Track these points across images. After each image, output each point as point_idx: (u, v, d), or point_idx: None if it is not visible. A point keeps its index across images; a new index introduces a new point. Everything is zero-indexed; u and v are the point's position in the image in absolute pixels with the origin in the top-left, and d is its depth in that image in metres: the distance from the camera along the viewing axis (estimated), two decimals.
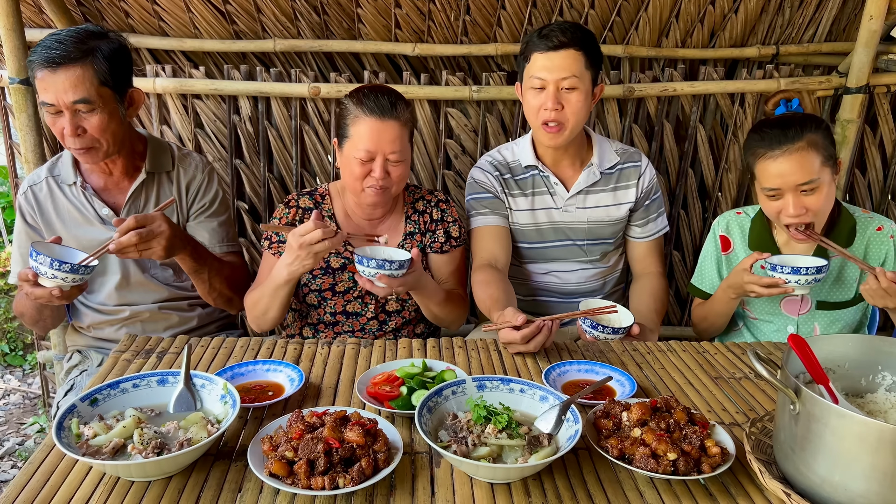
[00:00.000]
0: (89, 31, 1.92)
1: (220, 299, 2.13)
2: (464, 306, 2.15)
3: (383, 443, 1.26)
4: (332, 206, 2.11)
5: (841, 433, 1.13)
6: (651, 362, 1.81)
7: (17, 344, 4.01)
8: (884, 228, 2.00)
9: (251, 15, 2.76)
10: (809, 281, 1.86)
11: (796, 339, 1.32)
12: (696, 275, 2.21)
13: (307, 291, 2.11)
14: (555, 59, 2.02)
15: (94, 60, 1.85)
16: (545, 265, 2.32)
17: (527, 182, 2.26)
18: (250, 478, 1.25)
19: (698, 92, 2.92)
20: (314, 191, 2.14)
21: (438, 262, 2.14)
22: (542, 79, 2.04)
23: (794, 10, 2.92)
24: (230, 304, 2.17)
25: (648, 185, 2.29)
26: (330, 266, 2.08)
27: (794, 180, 1.86)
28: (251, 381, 1.62)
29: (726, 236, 2.14)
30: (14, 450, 3.15)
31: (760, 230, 2.08)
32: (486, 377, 1.49)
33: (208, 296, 2.11)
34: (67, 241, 2.03)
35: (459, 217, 2.18)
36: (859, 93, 2.85)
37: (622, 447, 1.29)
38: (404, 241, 2.11)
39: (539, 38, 2.04)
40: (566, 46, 2.01)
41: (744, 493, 1.27)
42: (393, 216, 2.14)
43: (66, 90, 1.82)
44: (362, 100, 1.94)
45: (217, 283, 2.06)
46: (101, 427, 1.31)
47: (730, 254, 2.13)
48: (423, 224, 2.12)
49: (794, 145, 1.85)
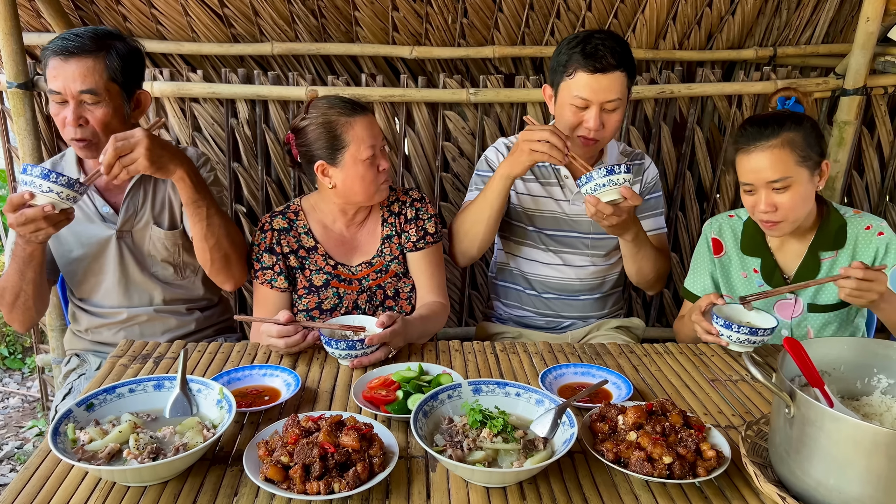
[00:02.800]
0: (108, 30, 1.95)
1: (218, 253, 1.97)
2: (443, 314, 2.12)
3: (379, 447, 1.26)
4: (308, 222, 2.09)
5: (836, 437, 1.14)
6: (647, 365, 1.81)
7: (16, 347, 4.02)
8: (872, 227, 1.99)
9: (248, 18, 2.76)
10: (742, 340, 1.77)
11: (791, 342, 1.33)
12: (689, 278, 2.20)
13: (296, 312, 2.09)
14: (602, 82, 1.99)
15: (107, 56, 1.87)
16: (550, 255, 2.32)
17: (539, 171, 2.29)
18: (246, 483, 1.25)
19: (696, 94, 2.92)
20: (286, 209, 2.11)
21: (415, 260, 2.13)
22: (587, 99, 2.01)
23: (791, 12, 2.93)
24: (228, 264, 2.00)
25: (651, 182, 2.31)
26: (313, 284, 2.08)
27: (764, 177, 1.87)
28: (247, 385, 1.62)
29: (718, 239, 2.14)
30: (13, 453, 3.15)
31: (753, 233, 2.08)
32: (481, 381, 1.49)
33: (205, 243, 1.94)
34: (67, 237, 2.04)
35: (436, 214, 2.16)
36: (856, 94, 2.86)
37: (618, 451, 1.30)
38: (382, 246, 2.10)
39: (585, 56, 1.99)
40: (614, 69, 1.99)
41: (739, 497, 1.27)
42: (370, 220, 2.13)
43: (75, 79, 1.84)
44: (336, 107, 1.96)
45: (217, 227, 1.94)
46: (97, 432, 1.31)
47: (722, 256, 2.13)
48: (398, 225, 2.11)
49: (768, 142, 1.86)
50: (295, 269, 2.07)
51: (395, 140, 2.90)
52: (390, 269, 2.10)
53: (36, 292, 1.96)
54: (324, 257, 2.07)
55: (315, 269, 2.07)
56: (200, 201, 1.89)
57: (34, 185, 1.63)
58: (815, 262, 2.00)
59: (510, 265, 2.39)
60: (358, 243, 2.11)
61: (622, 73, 2.01)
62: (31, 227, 1.69)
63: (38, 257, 1.88)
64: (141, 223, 2.07)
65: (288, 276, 2.06)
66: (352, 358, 1.72)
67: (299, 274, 2.07)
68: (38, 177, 1.62)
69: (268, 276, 2.05)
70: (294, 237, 2.07)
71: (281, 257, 2.05)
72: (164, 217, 2.08)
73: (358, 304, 2.09)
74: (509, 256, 2.38)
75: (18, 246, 1.84)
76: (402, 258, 2.12)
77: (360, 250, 2.11)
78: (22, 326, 2.05)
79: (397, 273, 2.11)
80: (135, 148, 1.71)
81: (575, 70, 2.01)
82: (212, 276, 2.05)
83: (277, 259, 2.05)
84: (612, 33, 2.08)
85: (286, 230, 2.07)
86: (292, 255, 2.06)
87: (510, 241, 2.36)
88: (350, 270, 2.08)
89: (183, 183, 1.84)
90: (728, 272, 2.13)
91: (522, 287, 2.38)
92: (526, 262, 2.35)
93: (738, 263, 2.11)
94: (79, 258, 2.07)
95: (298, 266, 2.07)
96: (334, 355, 1.75)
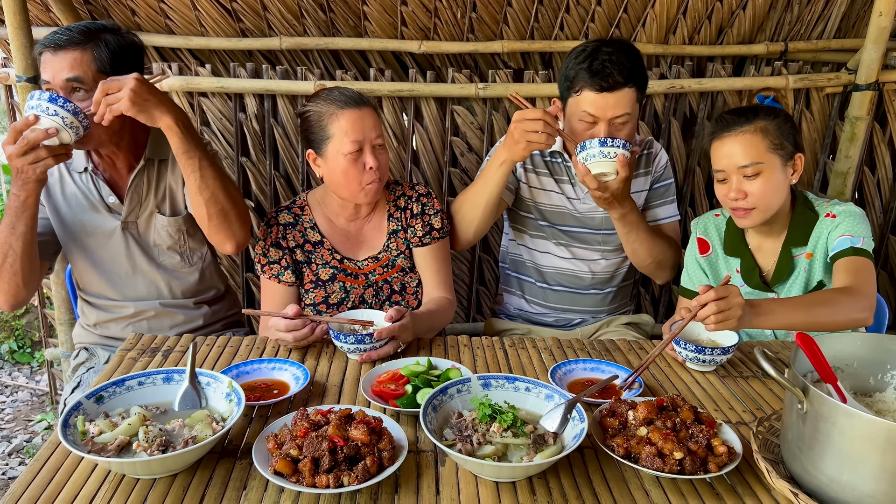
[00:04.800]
0: (103, 24, 1.94)
1: (215, 206, 1.90)
2: (450, 309, 2.11)
3: (388, 441, 1.26)
4: (314, 216, 2.09)
5: (849, 433, 1.12)
6: (657, 360, 1.80)
7: (25, 341, 4.03)
8: (830, 213, 1.95)
9: (257, 13, 2.76)
10: (691, 357, 1.70)
11: (804, 337, 1.31)
12: (684, 276, 2.18)
13: (303, 306, 2.09)
14: (609, 100, 1.97)
15: (95, 48, 1.87)
16: (561, 249, 2.31)
17: (551, 167, 2.28)
18: (255, 476, 1.25)
19: (706, 89, 2.90)
20: (293, 203, 2.12)
21: (421, 256, 2.12)
22: (595, 115, 1.99)
23: (802, 7, 2.90)
24: (226, 219, 1.92)
25: (661, 169, 2.30)
26: (320, 278, 2.08)
27: (735, 161, 1.87)
28: (256, 379, 1.62)
29: (704, 238, 2.12)
30: (22, 446, 3.17)
31: (733, 232, 2.06)
32: (491, 375, 1.49)
33: (200, 196, 1.88)
34: (73, 224, 2.05)
35: (442, 209, 2.16)
36: (869, 90, 2.83)
37: (628, 446, 1.29)
38: (388, 241, 2.10)
39: (591, 74, 1.96)
40: (621, 87, 1.96)
41: (751, 493, 1.26)
42: (376, 215, 2.12)
43: (63, 69, 1.84)
44: (331, 97, 1.95)
45: (211, 179, 1.88)
46: (107, 424, 1.31)
47: (709, 255, 2.11)
48: (404, 220, 2.10)
49: (742, 128, 1.87)
50: (301, 263, 2.07)
51: (403, 135, 2.89)
52: (396, 263, 2.09)
53: (25, 254, 1.88)
54: (330, 252, 2.07)
55: (321, 264, 2.07)
56: (192, 151, 1.85)
57: (40, 109, 1.68)
58: (788, 260, 1.98)
59: (522, 256, 2.38)
60: (363, 238, 2.11)
61: (630, 89, 1.98)
62: (31, 157, 1.71)
63: (31, 207, 1.83)
64: (145, 213, 2.07)
65: (295, 270, 2.06)
66: (361, 352, 1.72)
67: (306, 268, 2.07)
68: (45, 100, 1.68)
69: (275, 270, 2.05)
70: (300, 232, 2.07)
71: (287, 252, 2.05)
72: (166, 206, 2.09)
73: (364, 298, 2.09)
74: (521, 247, 2.37)
75: (13, 196, 1.82)
76: (409, 253, 2.12)
77: (365, 245, 2.11)
78: (7, 298, 1.95)
79: (404, 268, 2.11)
80: (122, 87, 1.72)
81: (581, 88, 1.99)
82: (211, 237, 1.98)
83: (284, 253, 2.05)
84: (622, 45, 2.03)
85: (291, 225, 2.07)
86: (298, 250, 2.06)
87: (523, 232, 2.35)
88: (356, 265, 2.08)
89: (171, 132, 1.81)
90: (716, 271, 2.11)
91: (534, 279, 2.37)
92: (539, 254, 2.34)
93: (724, 263, 2.10)
94: (84, 247, 2.07)
95: (305, 260, 2.07)
96: (343, 350, 1.75)
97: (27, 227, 1.86)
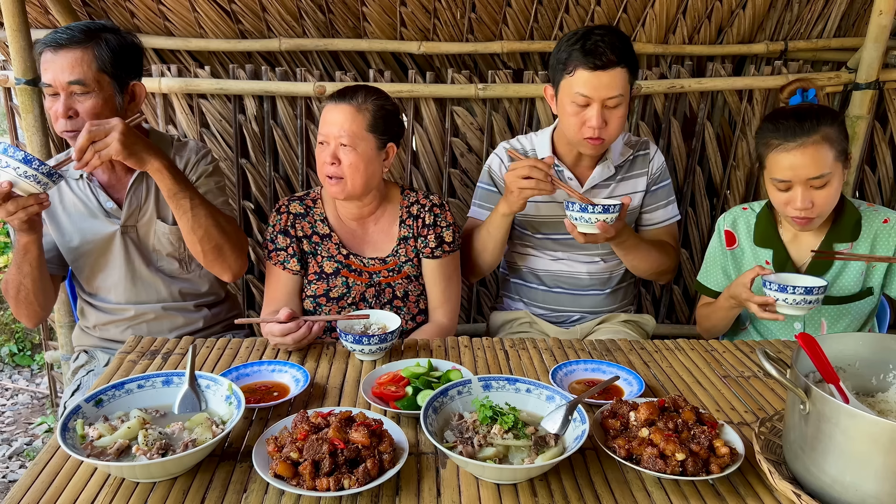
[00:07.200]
0: (102, 24, 1.94)
1: (209, 244, 1.93)
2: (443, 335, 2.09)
3: (388, 443, 1.26)
4: (325, 210, 2.11)
5: (852, 433, 1.12)
6: (659, 361, 1.79)
7: (25, 344, 4.03)
8: (890, 220, 1.98)
9: (256, 14, 2.75)
10: (798, 301, 1.78)
11: (806, 337, 1.31)
12: (703, 272, 2.19)
13: (303, 297, 2.11)
14: (602, 78, 1.97)
15: (96, 47, 1.87)
16: (558, 254, 2.31)
17: None
18: (255, 479, 1.25)
19: (706, 88, 2.90)
20: (306, 195, 2.13)
21: (430, 268, 2.12)
22: (588, 96, 1.99)
23: (802, 6, 2.90)
24: (221, 254, 1.97)
25: (657, 171, 2.29)
26: (324, 271, 2.08)
27: (805, 174, 1.84)
28: (256, 381, 1.61)
29: (731, 231, 2.12)
30: (22, 449, 3.16)
31: (766, 226, 2.07)
32: (492, 377, 1.48)
33: (193, 235, 1.92)
34: (72, 233, 2.05)
35: (455, 222, 2.16)
36: (869, 88, 2.83)
37: (630, 447, 1.28)
38: (398, 246, 2.10)
39: (584, 53, 1.97)
40: (614, 65, 1.97)
41: (753, 494, 1.25)
42: (385, 218, 2.12)
43: (64, 70, 1.84)
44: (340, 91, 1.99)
45: (203, 218, 1.91)
46: (106, 428, 1.31)
47: (735, 249, 2.12)
48: (416, 229, 2.10)
49: (808, 138, 1.83)
50: (307, 253, 2.08)
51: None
52: (403, 269, 2.09)
53: (36, 287, 1.95)
54: (337, 246, 2.08)
55: (327, 256, 2.07)
56: (181, 193, 1.87)
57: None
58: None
59: (519, 262, 2.38)
60: (370, 238, 2.11)
61: (623, 69, 1.98)
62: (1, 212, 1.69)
63: (33, 251, 1.87)
64: (145, 218, 2.07)
65: (301, 259, 2.08)
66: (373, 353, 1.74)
67: (311, 259, 2.08)
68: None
69: (281, 257, 2.06)
70: (309, 223, 2.08)
71: (295, 240, 2.07)
72: (167, 212, 2.08)
73: (365, 296, 2.09)
74: (517, 254, 2.37)
75: (16, 240, 1.85)
76: (417, 262, 2.12)
77: (372, 245, 2.11)
78: (28, 321, 2.06)
79: (409, 276, 2.11)
80: (109, 133, 1.71)
81: (575, 67, 1.99)
82: (208, 268, 2.04)
83: (291, 241, 2.06)
84: (612, 28, 2.06)
85: (302, 215, 2.09)
86: (305, 240, 2.08)
87: (518, 242, 2.35)
88: (361, 262, 2.08)
89: (160, 175, 1.83)
90: (740, 264, 2.12)
91: (534, 284, 2.37)
92: (535, 259, 2.34)
93: (751, 255, 2.10)
94: (84, 253, 2.07)
95: (311, 251, 2.08)
96: (354, 351, 1.75)
97: (32, 267, 1.92)
